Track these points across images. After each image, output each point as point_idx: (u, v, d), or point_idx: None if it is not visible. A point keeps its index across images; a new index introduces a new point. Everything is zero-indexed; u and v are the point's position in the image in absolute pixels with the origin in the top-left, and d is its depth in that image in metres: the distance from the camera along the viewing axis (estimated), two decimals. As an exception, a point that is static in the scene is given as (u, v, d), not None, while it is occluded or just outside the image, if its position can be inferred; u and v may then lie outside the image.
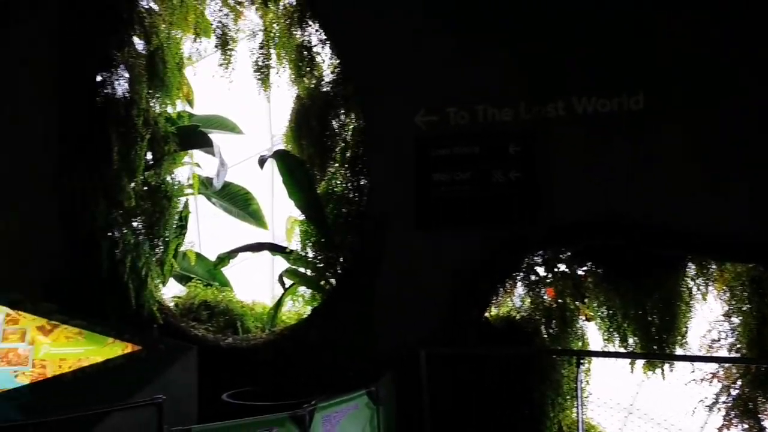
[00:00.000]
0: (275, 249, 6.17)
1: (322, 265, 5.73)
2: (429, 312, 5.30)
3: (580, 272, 5.39)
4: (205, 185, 6.63)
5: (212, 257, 6.97)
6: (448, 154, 5.30)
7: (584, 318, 5.41)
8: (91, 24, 5.63)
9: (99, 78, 5.73)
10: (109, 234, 5.53)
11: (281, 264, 9.51)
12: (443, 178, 5.29)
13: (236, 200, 6.95)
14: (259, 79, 5.88)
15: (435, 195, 5.31)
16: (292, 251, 5.93)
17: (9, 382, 4.59)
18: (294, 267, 5.90)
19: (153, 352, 4.85)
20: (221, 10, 5.96)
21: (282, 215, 7.59)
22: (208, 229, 8.82)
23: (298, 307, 6.21)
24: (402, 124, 5.46)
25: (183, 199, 6.10)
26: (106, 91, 5.71)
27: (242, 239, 7.94)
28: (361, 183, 5.68)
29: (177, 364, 4.89)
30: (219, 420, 3.93)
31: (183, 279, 6.83)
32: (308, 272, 5.86)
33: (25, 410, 4.39)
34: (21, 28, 5.77)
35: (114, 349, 4.79)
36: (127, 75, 5.72)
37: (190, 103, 6.78)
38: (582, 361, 4.73)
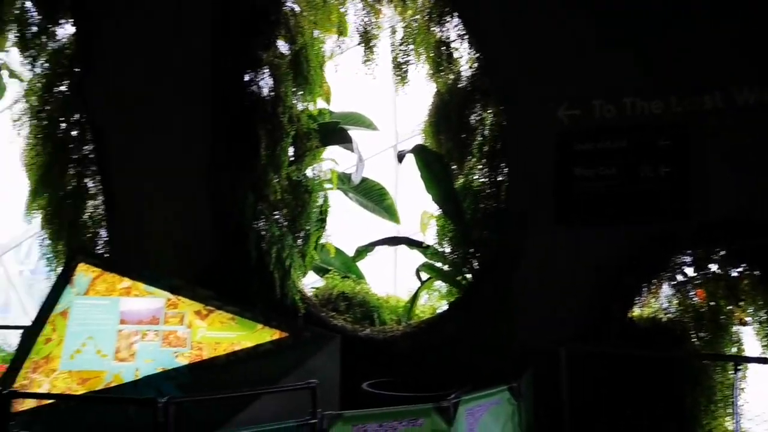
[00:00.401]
0: (412, 243, 6.24)
1: (459, 260, 5.74)
2: (569, 309, 5.18)
3: (734, 273, 5.08)
4: (342, 180, 6.82)
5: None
6: (592, 149, 5.15)
7: (739, 322, 5.09)
8: (241, 25, 5.94)
9: (247, 77, 6.04)
10: (256, 226, 5.81)
11: (405, 258, 9.68)
12: (586, 173, 5.14)
13: (372, 195, 7.10)
14: (398, 75, 5.96)
15: (577, 190, 5.18)
16: (428, 246, 5.99)
17: (170, 362, 4.94)
18: (430, 261, 5.95)
19: (299, 339, 5.07)
20: (362, 9, 6.10)
21: (405, 209, 7.72)
22: (336, 223, 9.06)
23: (433, 301, 6.27)
24: (543, 118, 5.35)
25: (322, 193, 6.31)
26: (253, 89, 6.01)
27: (368, 233, 8.14)
28: (499, 178, 5.63)
29: (321, 351, 5.07)
30: (358, 408, 4.04)
31: (319, 270, 7.06)
32: (445, 267, 5.90)
33: (183, 388, 4.72)
34: (177, 29, 6.15)
35: (263, 334, 5.03)
36: (272, 74, 6.00)
37: (327, 100, 6.98)
38: (739, 367, 4.45)
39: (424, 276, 6.11)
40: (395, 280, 10.26)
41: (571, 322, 5.15)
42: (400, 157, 5.91)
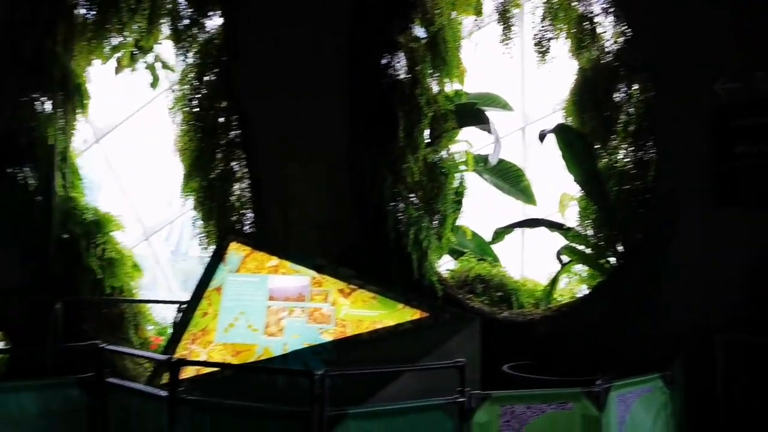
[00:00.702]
0: (552, 225, 6.10)
1: (602, 243, 5.56)
2: (723, 295, 4.91)
3: None
4: (476, 162, 6.76)
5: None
6: (755, 124, 4.80)
7: None
8: (378, 9, 6.02)
9: (384, 61, 6.11)
10: (394, 207, 5.90)
11: (532, 240, 9.48)
12: (748, 150, 4.81)
13: (508, 177, 7.01)
14: (538, 53, 5.81)
15: (736, 169, 4.86)
16: (569, 228, 5.84)
17: (315, 338, 5.12)
18: (572, 244, 5.81)
19: (439, 320, 5.10)
20: (500, -13, 6.00)
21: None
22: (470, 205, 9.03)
23: (572, 285, 6.12)
24: (696, 93, 5.06)
25: (457, 174, 6.29)
26: (390, 72, 6.08)
27: (496, 215, 8.07)
28: (647, 157, 5.38)
29: (461, 333, 5.08)
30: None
31: (453, 253, 7.06)
32: (587, 250, 5.74)
33: (328, 363, 4.86)
34: (316, 14, 6.29)
35: (403, 314, 5.09)
36: (409, 56, 6.04)
37: (461, 80, 6.93)
38: None
39: (565, 259, 5.96)
40: (522, 262, 10.08)
41: (724, 307, 4.89)
42: (542, 136, 5.77)
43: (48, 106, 6.66)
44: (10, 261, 6.51)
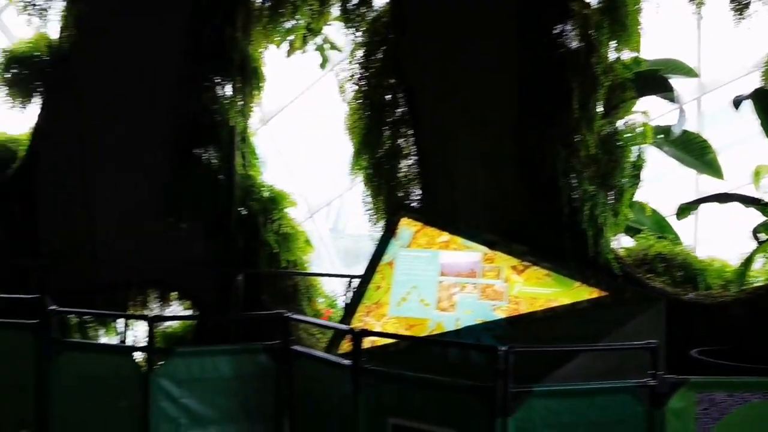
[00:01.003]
0: (747, 201, 5.57)
1: (808, 218, 5.01)
2: None
3: None
4: (655, 133, 6.33)
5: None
6: None
7: None
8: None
9: (556, 30, 5.86)
10: (566, 182, 5.66)
11: (706, 217, 8.77)
12: None
13: (692, 148, 6.50)
14: (736, 10, 5.29)
15: None
16: (767, 203, 5.31)
17: (488, 314, 5.07)
18: (771, 221, 5.29)
19: (619, 300, 4.85)
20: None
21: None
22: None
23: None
24: None
25: (635, 147, 5.92)
26: (562, 41, 5.82)
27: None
28: None
29: (643, 314, 4.80)
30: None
31: (628, 230, 6.68)
32: (788, 227, 5.21)
33: (500, 340, 4.80)
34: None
35: (580, 292, 4.90)
36: (583, 24, 5.74)
37: (638, 47, 6.50)
38: None
39: (762, 237, 5.42)
40: (696, 239, 9.39)
41: None
42: (737, 102, 5.27)
43: (228, 89, 7.09)
44: (197, 236, 7.03)
